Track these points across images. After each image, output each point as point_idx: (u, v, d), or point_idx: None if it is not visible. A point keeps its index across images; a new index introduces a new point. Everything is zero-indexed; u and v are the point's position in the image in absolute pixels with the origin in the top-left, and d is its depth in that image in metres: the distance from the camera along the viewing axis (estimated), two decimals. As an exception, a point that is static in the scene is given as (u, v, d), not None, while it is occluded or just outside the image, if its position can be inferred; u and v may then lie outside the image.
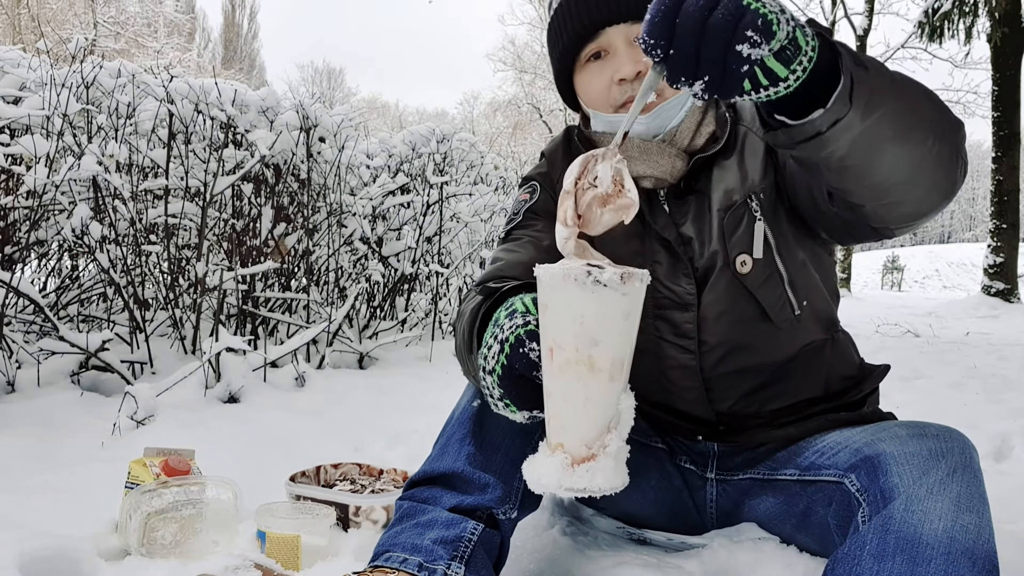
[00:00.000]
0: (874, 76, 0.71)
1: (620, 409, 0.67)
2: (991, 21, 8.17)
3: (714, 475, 1.08)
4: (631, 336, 0.67)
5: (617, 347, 0.66)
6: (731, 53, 0.60)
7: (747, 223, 0.98)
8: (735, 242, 0.98)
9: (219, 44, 33.59)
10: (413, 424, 1.86)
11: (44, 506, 1.22)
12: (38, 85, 2.13)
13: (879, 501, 0.81)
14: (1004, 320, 6.58)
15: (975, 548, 0.74)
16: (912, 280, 18.38)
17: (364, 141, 3.28)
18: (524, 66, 23.19)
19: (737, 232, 0.98)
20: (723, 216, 0.99)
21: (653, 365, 1.04)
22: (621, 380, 0.67)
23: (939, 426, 0.90)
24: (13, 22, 17.60)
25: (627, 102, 0.96)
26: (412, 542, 0.87)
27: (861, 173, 0.77)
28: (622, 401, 0.67)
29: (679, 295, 1.01)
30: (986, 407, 2.44)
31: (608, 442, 0.66)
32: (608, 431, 0.66)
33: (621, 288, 0.64)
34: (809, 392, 1.06)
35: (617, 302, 0.64)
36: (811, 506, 0.96)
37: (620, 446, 0.67)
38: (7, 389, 1.88)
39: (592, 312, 0.64)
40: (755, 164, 0.99)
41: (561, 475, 0.66)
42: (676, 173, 1.00)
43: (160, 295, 2.37)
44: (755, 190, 0.98)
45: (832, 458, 0.94)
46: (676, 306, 1.01)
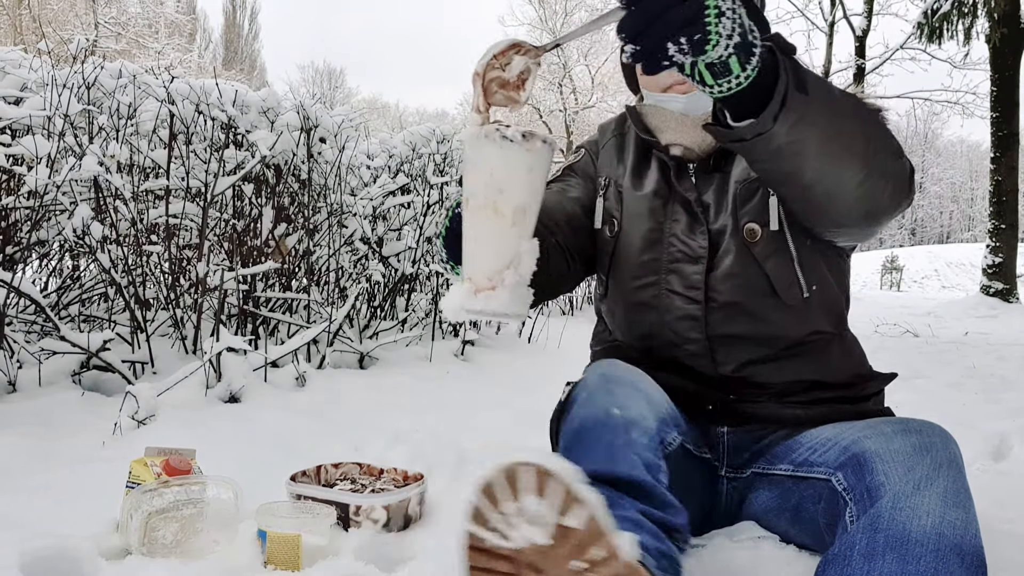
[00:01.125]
0: (811, 104, 0.78)
1: (520, 252, 0.78)
2: (990, 22, 8.17)
3: (724, 472, 1.10)
4: (534, 189, 0.77)
5: (519, 196, 0.76)
6: (662, 44, 0.67)
7: (761, 195, 1.05)
8: (747, 211, 1.05)
9: (220, 45, 33.60)
10: (413, 424, 1.86)
11: (45, 506, 1.23)
12: (39, 86, 2.13)
13: (866, 500, 0.82)
14: (1003, 320, 6.59)
15: (963, 543, 0.74)
16: (911, 280, 18.37)
17: (364, 142, 3.28)
18: (524, 66, 23.17)
19: (750, 202, 1.05)
20: (739, 187, 1.06)
21: (661, 317, 1.11)
22: (522, 226, 0.78)
23: (921, 421, 0.91)
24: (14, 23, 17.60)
25: (672, 84, 1.07)
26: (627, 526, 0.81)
27: (781, 178, 0.87)
28: (522, 246, 0.78)
29: (692, 249, 1.08)
30: (985, 407, 2.44)
31: (505, 277, 0.77)
32: (508, 268, 0.77)
33: (524, 144, 0.75)
34: (814, 375, 1.08)
35: (521, 156, 0.75)
36: (802, 503, 0.97)
37: (517, 281, 0.77)
38: (8, 389, 1.89)
39: (499, 164, 0.75)
40: None
41: (464, 299, 0.77)
42: (705, 146, 1.09)
43: (161, 295, 2.37)
44: None
45: (823, 455, 0.95)
46: (688, 259, 1.09)
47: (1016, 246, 8.29)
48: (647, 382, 1.01)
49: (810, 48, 14.17)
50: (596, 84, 22.30)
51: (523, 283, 0.78)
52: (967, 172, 46.21)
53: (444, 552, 1.07)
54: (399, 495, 1.21)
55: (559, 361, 2.99)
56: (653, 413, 0.95)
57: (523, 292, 0.78)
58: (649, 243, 1.13)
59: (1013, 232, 8.22)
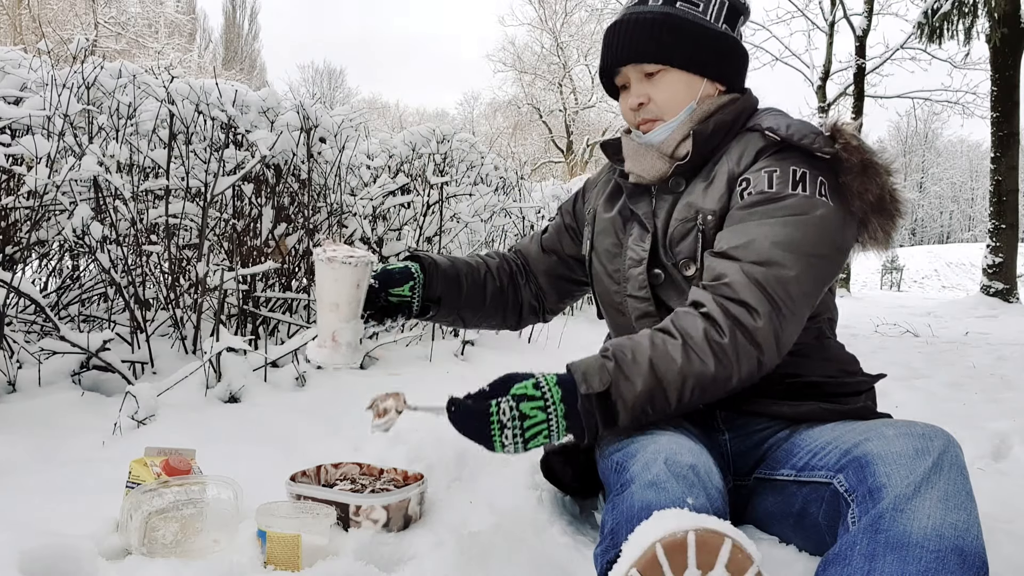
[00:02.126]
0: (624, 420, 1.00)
1: (340, 327, 1.17)
2: (990, 22, 8.17)
3: (731, 481, 1.11)
4: (350, 294, 1.16)
5: (337, 297, 1.16)
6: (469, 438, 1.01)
7: (693, 237, 1.17)
8: (680, 249, 1.18)
9: (220, 45, 33.59)
10: (413, 424, 1.86)
11: (45, 505, 1.23)
12: (39, 86, 2.13)
13: (868, 501, 0.82)
14: (1003, 320, 6.59)
15: (964, 545, 0.74)
16: (911, 280, 18.38)
17: (364, 141, 3.28)
18: (524, 67, 23.19)
19: (683, 241, 1.17)
20: (676, 225, 1.18)
21: (627, 319, 1.25)
22: (339, 314, 1.16)
23: (924, 424, 0.91)
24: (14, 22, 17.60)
25: (640, 123, 1.24)
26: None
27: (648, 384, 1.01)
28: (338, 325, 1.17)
29: (637, 253, 1.23)
30: (985, 407, 2.44)
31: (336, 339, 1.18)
32: (329, 337, 1.18)
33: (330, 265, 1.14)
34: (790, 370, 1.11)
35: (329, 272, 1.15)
36: (805, 507, 0.97)
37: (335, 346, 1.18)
38: (8, 389, 1.89)
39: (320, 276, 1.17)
40: (717, 192, 1.16)
41: (310, 350, 1.19)
42: (654, 173, 1.22)
43: (161, 295, 2.37)
44: (706, 212, 1.16)
45: (824, 458, 0.95)
46: (634, 263, 1.23)
47: (1016, 246, 8.29)
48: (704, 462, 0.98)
49: (810, 48, 14.18)
50: (596, 84, 22.28)
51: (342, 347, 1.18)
52: (967, 172, 46.19)
53: (444, 552, 1.07)
54: (399, 495, 1.21)
55: (559, 361, 2.98)
56: (711, 505, 0.90)
57: (340, 353, 1.18)
58: (612, 256, 1.29)
59: (1013, 232, 8.22)
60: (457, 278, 1.36)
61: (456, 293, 1.36)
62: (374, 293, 1.27)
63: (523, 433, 0.97)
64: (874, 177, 1.08)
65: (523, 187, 4.62)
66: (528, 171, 6.76)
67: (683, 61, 1.18)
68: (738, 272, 1.03)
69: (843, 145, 1.09)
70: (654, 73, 1.20)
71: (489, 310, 1.42)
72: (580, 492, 1.32)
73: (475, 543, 1.09)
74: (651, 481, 0.89)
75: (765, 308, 1.01)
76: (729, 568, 0.68)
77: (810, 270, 1.04)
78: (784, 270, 1.02)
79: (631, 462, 0.97)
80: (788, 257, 1.03)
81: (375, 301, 1.27)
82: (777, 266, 1.03)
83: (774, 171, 1.09)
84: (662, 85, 1.20)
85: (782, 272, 1.02)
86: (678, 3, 1.19)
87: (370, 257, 1.16)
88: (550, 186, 5.43)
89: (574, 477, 1.25)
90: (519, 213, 4.29)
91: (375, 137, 3.42)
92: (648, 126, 1.22)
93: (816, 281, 1.06)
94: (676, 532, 0.69)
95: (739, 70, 1.24)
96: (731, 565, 0.69)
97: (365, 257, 1.15)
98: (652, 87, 1.20)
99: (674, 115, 1.19)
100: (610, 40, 1.23)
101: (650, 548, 0.70)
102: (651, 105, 1.21)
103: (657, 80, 1.20)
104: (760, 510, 1.07)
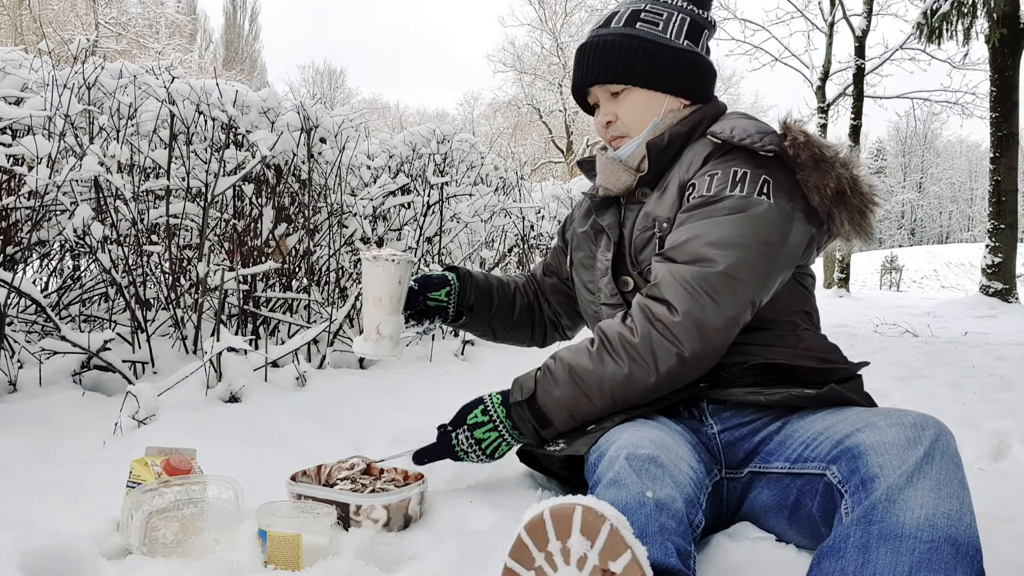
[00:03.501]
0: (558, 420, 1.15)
1: (383, 320, 1.28)
2: (989, 22, 8.17)
3: (724, 474, 1.11)
4: (392, 290, 1.28)
5: (380, 292, 1.28)
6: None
7: (652, 246, 1.22)
8: (643, 257, 1.24)
9: (220, 45, 33.59)
10: (413, 424, 1.86)
11: (46, 505, 1.23)
12: (40, 86, 2.13)
13: (860, 492, 0.82)
14: (1002, 320, 6.60)
15: (957, 534, 0.75)
16: (910, 280, 18.39)
17: (365, 142, 3.28)
18: (524, 67, 23.20)
19: (646, 249, 1.23)
20: (637, 234, 1.25)
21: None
22: (383, 308, 1.28)
23: (916, 413, 0.91)
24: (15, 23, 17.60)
25: (611, 139, 1.33)
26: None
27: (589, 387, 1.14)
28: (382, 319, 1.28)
29: (603, 263, 1.31)
30: (984, 406, 2.44)
31: (379, 331, 1.28)
32: (374, 330, 1.29)
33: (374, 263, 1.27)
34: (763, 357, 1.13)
35: (373, 269, 1.27)
36: (800, 499, 0.98)
37: (379, 338, 1.29)
38: (9, 389, 1.89)
39: (365, 273, 1.29)
40: (669, 200, 1.23)
41: (356, 344, 1.31)
42: (620, 185, 1.30)
43: (161, 295, 2.38)
44: (661, 220, 1.22)
45: (816, 449, 0.96)
46: (602, 272, 1.31)
47: (1015, 246, 8.30)
48: (668, 452, 0.99)
49: (810, 48, 14.18)
50: (596, 84, 22.23)
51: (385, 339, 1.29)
52: (967, 172, 46.20)
53: (444, 552, 1.07)
54: (399, 495, 1.21)
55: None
56: (680, 493, 0.93)
57: (384, 345, 1.29)
58: (586, 268, 1.38)
59: (1012, 232, 8.23)
60: (489, 291, 1.50)
61: (488, 304, 1.50)
62: (413, 295, 1.39)
63: (483, 452, 1.21)
64: (828, 171, 1.12)
65: (523, 187, 4.62)
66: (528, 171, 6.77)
67: (644, 80, 1.25)
68: (667, 273, 1.11)
69: (791, 142, 1.12)
70: (619, 92, 1.28)
71: (518, 324, 1.55)
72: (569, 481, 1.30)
73: (475, 543, 1.09)
74: (612, 479, 0.93)
75: (684, 304, 1.07)
76: (584, 532, 0.74)
77: (744, 261, 1.08)
78: (711, 265, 1.08)
79: (600, 462, 0.99)
80: (717, 253, 1.08)
81: (414, 303, 1.40)
82: (704, 262, 1.09)
83: (715, 174, 1.15)
84: (626, 103, 1.28)
85: (708, 268, 1.08)
86: (638, 24, 1.26)
87: (411, 257, 1.28)
88: (550, 186, 5.43)
89: (562, 466, 1.25)
90: (519, 213, 4.29)
91: (375, 137, 3.42)
92: (617, 142, 1.31)
93: (753, 271, 1.09)
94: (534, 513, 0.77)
95: (703, 83, 1.29)
96: (585, 528, 0.74)
97: (407, 256, 1.27)
98: (618, 105, 1.29)
99: (640, 131, 1.28)
100: (579, 62, 1.32)
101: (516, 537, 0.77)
102: (618, 123, 1.29)
103: (622, 99, 1.28)
104: (756, 504, 1.07)
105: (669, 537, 0.86)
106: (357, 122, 2.92)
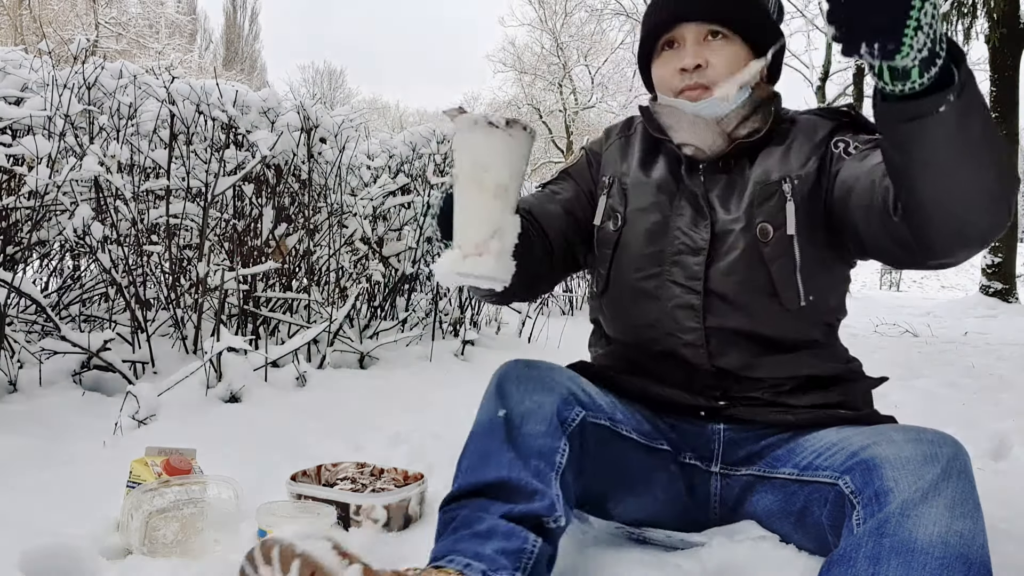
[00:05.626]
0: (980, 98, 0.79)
1: (503, 224, 0.89)
2: (989, 22, 8.17)
3: (718, 468, 1.10)
4: (514, 170, 0.89)
5: (501, 175, 0.88)
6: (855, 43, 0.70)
7: (778, 199, 1.06)
8: (762, 210, 1.07)
9: (220, 45, 33.58)
10: (413, 424, 1.86)
11: (46, 505, 1.23)
12: (40, 86, 2.13)
13: (873, 504, 0.81)
14: (1002, 320, 6.59)
15: (969, 554, 0.74)
16: (911, 280, 18.35)
17: (365, 142, 3.28)
18: (524, 67, 23.18)
19: (767, 203, 1.07)
20: (757, 188, 1.08)
21: (662, 306, 1.12)
22: (503, 200, 0.89)
23: (934, 431, 0.90)
24: (15, 23, 17.61)
25: (684, 89, 1.10)
26: (474, 550, 0.86)
27: (940, 172, 0.81)
28: (508, 220, 0.89)
29: (695, 241, 1.10)
30: (984, 407, 2.44)
31: (490, 245, 0.88)
32: (492, 237, 0.88)
33: (507, 130, 0.87)
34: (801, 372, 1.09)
35: (504, 140, 0.87)
36: (808, 506, 0.97)
37: (500, 249, 0.88)
38: (9, 389, 1.89)
39: (484, 147, 0.88)
40: (798, 157, 1.08)
41: (453, 263, 0.88)
42: (715, 148, 1.11)
43: (161, 295, 2.37)
44: (792, 175, 1.07)
45: (829, 459, 0.95)
46: (690, 251, 1.10)
47: (1015, 246, 8.29)
48: (551, 372, 1.04)
49: (810, 48, 14.22)
50: (596, 84, 22.30)
51: (506, 252, 0.89)
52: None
53: (444, 552, 1.07)
54: (399, 495, 1.21)
55: (559, 361, 2.98)
56: (550, 399, 0.98)
57: (506, 260, 0.89)
58: (654, 236, 1.14)
59: (1012, 232, 8.24)
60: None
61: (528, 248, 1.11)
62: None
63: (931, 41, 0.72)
64: None
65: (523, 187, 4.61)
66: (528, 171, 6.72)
67: (752, 32, 1.09)
68: None
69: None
70: (716, 36, 1.09)
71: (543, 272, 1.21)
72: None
73: (475, 543, 1.09)
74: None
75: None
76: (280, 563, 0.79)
77: None
78: None
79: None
80: None
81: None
82: None
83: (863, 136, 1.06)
84: (725, 51, 1.08)
85: None
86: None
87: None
88: (550, 186, 5.42)
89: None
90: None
91: (375, 137, 3.42)
92: (696, 93, 1.09)
93: None
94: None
95: (780, 68, 1.19)
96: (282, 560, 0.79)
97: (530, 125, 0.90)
98: (711, 51, 1.08)
99: (720, 87, 1.07)
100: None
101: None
102: (708, 70, 1.08)
103: (719, 45, 1.08)
104: (759, 508, 1.06)
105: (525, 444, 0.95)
106: (357, 122, 2.92)
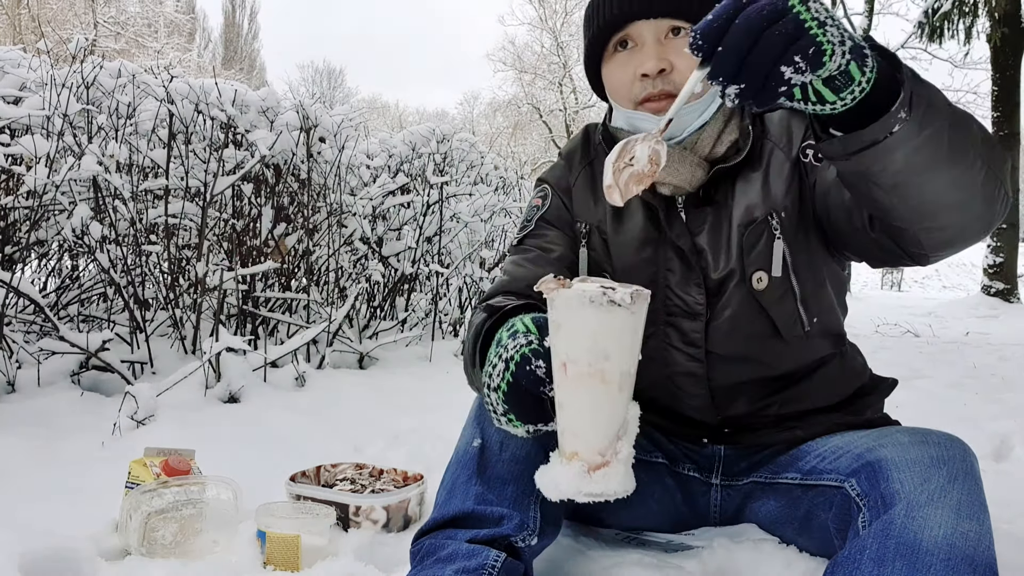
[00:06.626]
0: (931, 93, 0.71)
1: (628, 418, 0.73)
2: (991, 21, 8.16)
3: (719, 481, 1.09)
4: (636, 350, 0.72)
5: (626, 361, 0.71)
6: (774, 71, 0.62)
7: (766, 240, 0.98)
8: (753, 259, 0.98)
9: (219, 44, 33.57)
10: (413, 424, 1.86)
11: (44, 506, 1.23)
12: (38, 85, 2.13)
13: (879, 506, 0.81)
14: (1004, 320, 6.58)
15: (975, 556, 0.74)
16: (912, 280, 18.35)
17: (364, 141, 3.28)
18: (524, 66, 23.18)
19: (755, 249, 0.98)
20: (743, 232, 0.98)
21: (661, 371, 1.04)
22: (628, 391, 0.72)
23: (941, 433, 0.90)
24: (13, 22, 17.61)
25: (646, 99, 0.95)
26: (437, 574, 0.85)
27: (911, 191, 0.75)
28: (629, 411, 0.73)
29: (689, 304, 1.01)
30: (985, 407, 2.44)
31: (619, 449, 0.71)
32: (618, 439, 0.72)
33: (631, 307, 0.69)
34: (816, 402, 1.06)
35: (626, 320, 0.69)
36: (812, 510, 0.96)
37: (629, 452, 0.72)
38: (7, 389, 1.89)
39: (605, 329, 0.69)
40: (779, 182, 0.98)
41: (579, 482, 0.70)
42: (695, 182, 0.99)
43: (160, 295, 2.37)
44: (777, 208, 0.98)
45: (834, 463, 0.94)
46: (685, 315, 1.01)
47: (1017, 246, 8.29)
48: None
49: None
50: (596, 84, 22.23)
51: (632, 453, 0.73)
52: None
53: (444, 552, 1.06)
54: (399, 495, 1.21)
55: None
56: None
57: (631, 461, 0.73)
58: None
59: (1014, 232, 8.22)
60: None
61: None
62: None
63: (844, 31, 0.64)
64: None
65: (523, 187, 4.62)
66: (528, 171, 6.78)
67: None
68: None
69: None
70: (677, 33, 0.93)
71: None
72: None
73: (475, 543, 1.09)
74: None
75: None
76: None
77: None
78: None
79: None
80: None
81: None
82: None
83: None
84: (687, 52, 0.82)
85: None
86: None
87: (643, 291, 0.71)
88: (550, 186, 5.42)
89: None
90: (519, 213, 4.29)
91: (375, 137, 3.42)
92: (663, 104, 0.93)
93: None
94: None
95: None
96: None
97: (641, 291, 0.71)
98: (675, 52, 0.92)
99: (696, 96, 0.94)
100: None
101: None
102: (673, 74, 0.92)
103: (683, 43, 0.92)
104: (762, 513, 1.06)
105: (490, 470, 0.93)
106: (356, 121, 2.92)
